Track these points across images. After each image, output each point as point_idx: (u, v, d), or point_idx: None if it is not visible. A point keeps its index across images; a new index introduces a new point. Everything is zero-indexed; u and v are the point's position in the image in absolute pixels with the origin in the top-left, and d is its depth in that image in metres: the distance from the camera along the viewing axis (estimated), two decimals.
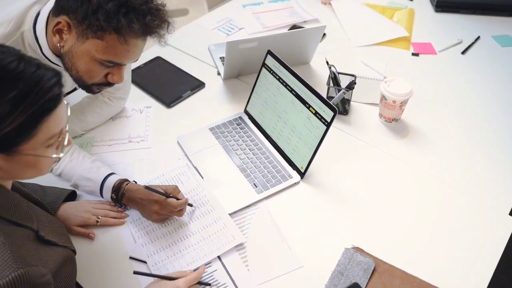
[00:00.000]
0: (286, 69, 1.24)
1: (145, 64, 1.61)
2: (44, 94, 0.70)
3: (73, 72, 1.03)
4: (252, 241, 1.09)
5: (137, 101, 1.47)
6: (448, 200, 1.19)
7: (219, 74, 1.59)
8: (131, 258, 1.06)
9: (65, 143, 0.80)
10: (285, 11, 1.92)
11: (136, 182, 1.15)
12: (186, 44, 1.72)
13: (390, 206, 1.18)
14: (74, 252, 0.95)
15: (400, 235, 1.11)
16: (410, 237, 1.11)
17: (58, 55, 1.04)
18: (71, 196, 1.15)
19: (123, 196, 1.12)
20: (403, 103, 1.33)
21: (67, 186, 1.16)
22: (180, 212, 1.10)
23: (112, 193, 1.13)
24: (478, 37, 1.78)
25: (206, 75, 1.57)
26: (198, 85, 1.53)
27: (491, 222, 1.14)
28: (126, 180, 1.14)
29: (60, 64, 1.05)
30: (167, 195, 1.08)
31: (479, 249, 1.08)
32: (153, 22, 0.96)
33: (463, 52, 1.71)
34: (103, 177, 1.14)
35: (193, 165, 1.26)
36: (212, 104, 1.48)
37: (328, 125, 1.14)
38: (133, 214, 1.14)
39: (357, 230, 1.12)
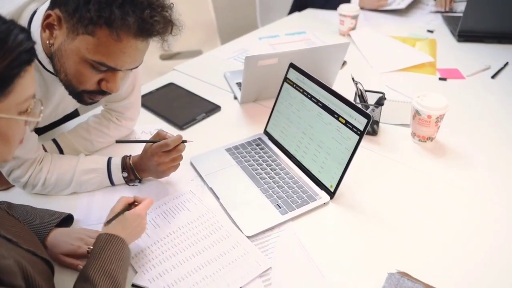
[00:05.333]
0: (311, 80, 1.14)
1: (157, 89, 1.53)
2: (18, 45, 0.65)
3: (61, 75, 0.90)
4: (278, 267, 0.93)
5: (147, 124, 1.36)
6: (500, 220, 1.04)
7: (235, 98, 1.49)
8: None
9: (38, 108, 0.72)
10: (302, 42, 1.86)
11: (131, 155, 1.12)
12: (200, 72, 1.65)
13: (433, 226, 1.02)
14: (49, 264, 0.79)
15: (449, 257, 0.95)
16: (460, 259, 0.94)
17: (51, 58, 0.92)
18: (66, 222, 1.00)
19: (133, 172, 1.09)
20: (439, 119, 1.21)
21: (64, 208, 1.02)
22: (178, 149, 1.04)
23: (122, 172, 1.09)
24: (507, 63, 1.70)
25: (222, 100, 1.47)
26: (213, 108, 1.43)
27: None
28: (126, 156, 1.11)
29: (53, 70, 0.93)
30: (154, 141, 1.05)
31: None
32: (151, 18, 0.83)
33: (493, 77, 1.62)
34: (107, 160, 1.10)
35: (208, 186, 1.12)
36: (228, 126, 1.36)
37: (361, 134, 1.02)
38: (134, 248, 0.95)
39: (400, 253, 0.96)
